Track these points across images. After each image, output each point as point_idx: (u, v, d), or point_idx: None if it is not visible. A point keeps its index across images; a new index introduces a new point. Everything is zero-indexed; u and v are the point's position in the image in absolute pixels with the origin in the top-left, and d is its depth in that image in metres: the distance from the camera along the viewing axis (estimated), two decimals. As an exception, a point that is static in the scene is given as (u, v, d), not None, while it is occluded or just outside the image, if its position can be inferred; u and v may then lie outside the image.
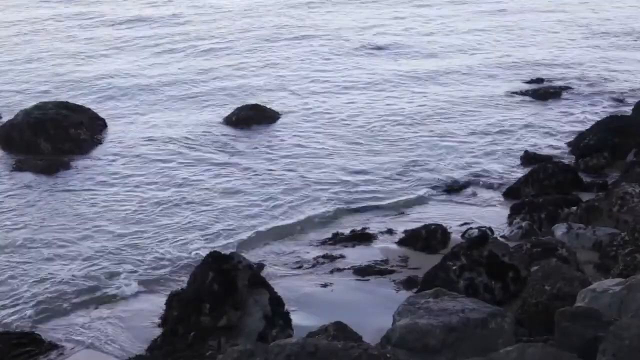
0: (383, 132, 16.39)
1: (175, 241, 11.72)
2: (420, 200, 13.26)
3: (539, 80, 19.69)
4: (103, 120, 16.68)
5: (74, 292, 10.31)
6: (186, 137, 15.93)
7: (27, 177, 13.98)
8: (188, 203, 13.02)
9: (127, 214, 12.62)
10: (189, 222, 12.32)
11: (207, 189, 13.58)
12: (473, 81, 19.94)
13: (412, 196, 13.41)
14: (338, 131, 16.44)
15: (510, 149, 15.51)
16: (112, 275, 10.74)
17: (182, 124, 16.64)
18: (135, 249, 11.48)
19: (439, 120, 17.12)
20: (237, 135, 16.13)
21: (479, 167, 14.60)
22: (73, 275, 10.71)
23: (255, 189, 13.58)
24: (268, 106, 17.44)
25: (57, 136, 15.42)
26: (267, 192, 13.47)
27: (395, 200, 13.27)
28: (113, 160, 14.81)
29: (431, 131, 16.50)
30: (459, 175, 14.23)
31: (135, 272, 10.85)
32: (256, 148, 15.51)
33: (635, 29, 25.33)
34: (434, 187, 13.69)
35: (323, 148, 15.54)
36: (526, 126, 16.90)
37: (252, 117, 16.80)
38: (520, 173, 14.07)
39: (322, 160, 14.92)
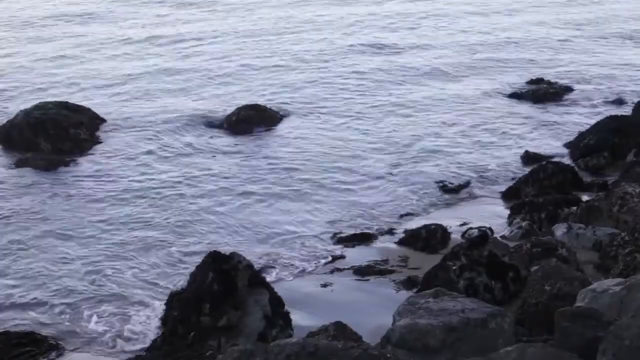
0: (383, 132, 16.39)
1: (176, 240, 11.72)
2: (421, 201, 13.25)
3: (539, 81, 19.67)
4: (103, 119, 16.68)
5: (74, 292, 10.32)
6: (187, 137, 15.94)
7: (28, 176, 13.99)
8: (188, 203, 13.02)
9: (127, 213, 12.62)
10: (189, 222, 12.31)
11: (207, 189, 13.58)
12: (473, 81, 19.94)
13: (412, 196, 13.40)
14: (338, 131, 16.44)
15: (511, 149, 15.50)
16: (113, 275, 10.74)
17: (183, 124, 16.63)
18: (135, 248, 11.48)
19: (439, 121, 17.12)
20: (238, 136, 16.13)
21: (478, 167, 14.60)
22: (73, 275, 10.71)
23: (254, 190, 13.58)
24: (268, 106, 17.45)
25: (57, 136, 15.43)
26: (267, 192, 13.47)
27: (395, 200, 13.26)
28: (113, 160, 14.81)
29: (431, 131, 16.50)
30: (458, 175, 14.23)
31: (136, 271, 10.85)
32: (256, 149, 15.51)
33: (634, 30, 25.33)
34: (433, 187, 13.68)
35: (323, 148, 15.53)
36: (526, 126, 16.90)
37: (252, 117, 16.79)
38: (520, 173, 14.07)
39: (322, 160, 14.92)
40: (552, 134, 16.42)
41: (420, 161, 14.87)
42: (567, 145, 15.55)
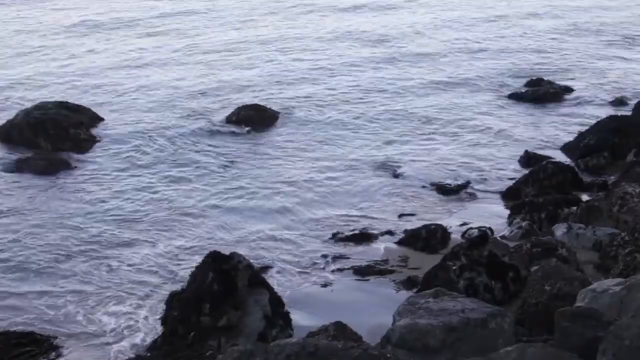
0: (382, 133, 16.39)
1: (175, 240, 11.72)
2: (420, 201, 13.25)
3: (539, 81, 19.68)
4: (103, 119, 16.69)
5: (74, 292, 10.31)
6: (187, 136, 15.94)
7: (28, 176, 13.99)
8: (187, 202, 13.01)
9: (127, 213, 12.62)
10: (189, 221, 12.32)
11: (206, 189, 13.58)
12: (473, 82, 19.94)
13: (411, 196, 13.40)
14: (337, 132, 16.44)
15: (510, 149, 15.50)
16: (112, 274, 10.74)
17: (183, 123, 16.63)
18: (134, 247, 11.48)
19: (439, 121, 17.12)
20: (238, 136, 16.13)
21: (478, 168, 14.60)
22: (73, 274, 10.71)
23: (253, 189, 13.59)
24: (268, 106, 17.46)
25: (57, 136, 15.43)
26: (266, 192, 13.48)
27: (395, 200, 13.26)
28: (113, 160, 14.81)
29: (431, 131, 16.51)
30: (458, 175, 14.23)
31: (135, 271, 10.84)
32: (256, 149, 15.51)
33: (634, 31, 25.36)
34: (433, 188, 13.67)
35: (322, 149, 15.53)
36: (526, 126, 16.90)
37: (252, 117, 16.81)
38: (520, 173, 14.07)
39: (321, 161, 14.93)
40: (551, 134, 16.42)
41: (420, 161, 14.87)
42: (567, 145, 15.54)
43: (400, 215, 12.65)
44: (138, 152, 15.22)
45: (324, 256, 11.21)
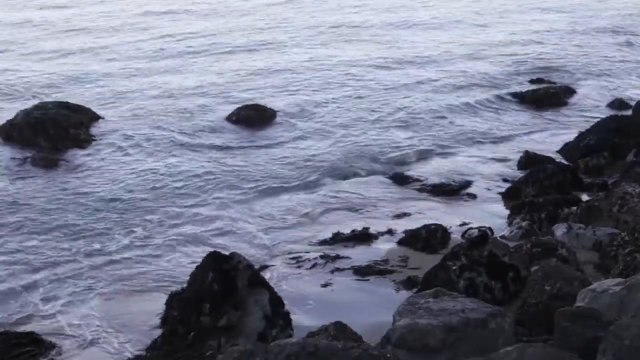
0: (381, 133, 16.39)
1: (175, 240, 11.72)
2: (420, 200, 13.25)
3: (539, 81, 19.69)
4: (103, 119, 16.70)
5: (75, 291, 10.31)
6: (186, 136, 15.95)
7: (27, 176, 13.99)
8: (186, 202, 13.02)
9: (126, 212, 12.62)
10: (188, 222, 12.32)
11: (205, 188, 13.58)
12: (473, 82, 19.95)
13: (411, 196, 13.40)
14: (337, 131, 16.45)
15: (510, 149, 15.51)
16: (112, 274, 10.74)
17: (183, 123, 16.65)
18: (133, 247, 11.48)
19: (438, 121, 17.12)
20: (237, 135, 16.15)
21: (478, 168, 14.60)
22: (72, 274, 10.71)
23: (253, 189, 13.59)
24: (268, 106, 17.47)
25: (57, 136, 15.44)
26: (265, 192, 13.49)
27: (395, 199, 13.26)
28: (112, 160, 14.82)
29: (430, 131, 16.51)
30: (458, 175, 14.23)
31: (135, 270, 10.84)
32: (255, 148, 15.52)
33: (634, 29, 25.36)
34: (434, 187, 13.67)
35: (321, 148, 15.54)
36: (526, 126, 16.91)
37: (252, 117, 16.83)
38: (520, 173, 14.07)
39: (320, 160, 14.93)
40: (551, 134, 16.43)
41: (420, 162, 14.88)
42: (567, 145, 15.54)
43: (400, 215, 12.65)
44: (137, 151, 15.23)
45: (324, 256, 11.21)
